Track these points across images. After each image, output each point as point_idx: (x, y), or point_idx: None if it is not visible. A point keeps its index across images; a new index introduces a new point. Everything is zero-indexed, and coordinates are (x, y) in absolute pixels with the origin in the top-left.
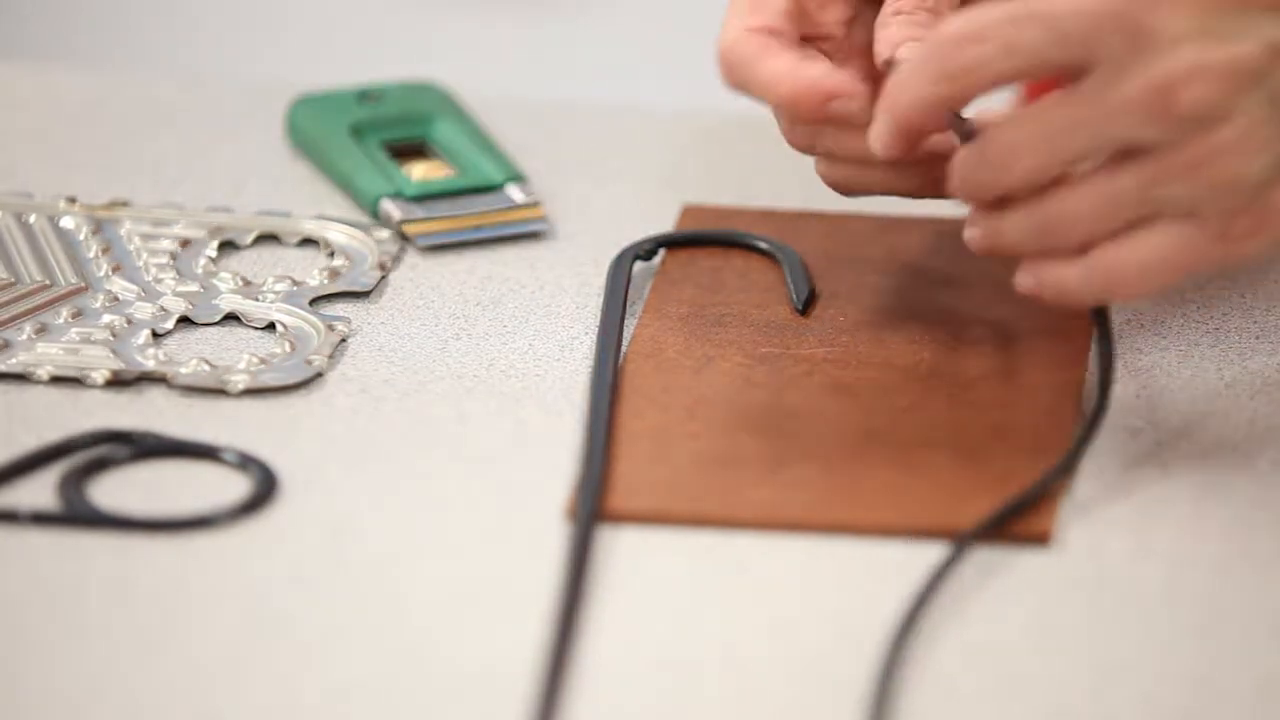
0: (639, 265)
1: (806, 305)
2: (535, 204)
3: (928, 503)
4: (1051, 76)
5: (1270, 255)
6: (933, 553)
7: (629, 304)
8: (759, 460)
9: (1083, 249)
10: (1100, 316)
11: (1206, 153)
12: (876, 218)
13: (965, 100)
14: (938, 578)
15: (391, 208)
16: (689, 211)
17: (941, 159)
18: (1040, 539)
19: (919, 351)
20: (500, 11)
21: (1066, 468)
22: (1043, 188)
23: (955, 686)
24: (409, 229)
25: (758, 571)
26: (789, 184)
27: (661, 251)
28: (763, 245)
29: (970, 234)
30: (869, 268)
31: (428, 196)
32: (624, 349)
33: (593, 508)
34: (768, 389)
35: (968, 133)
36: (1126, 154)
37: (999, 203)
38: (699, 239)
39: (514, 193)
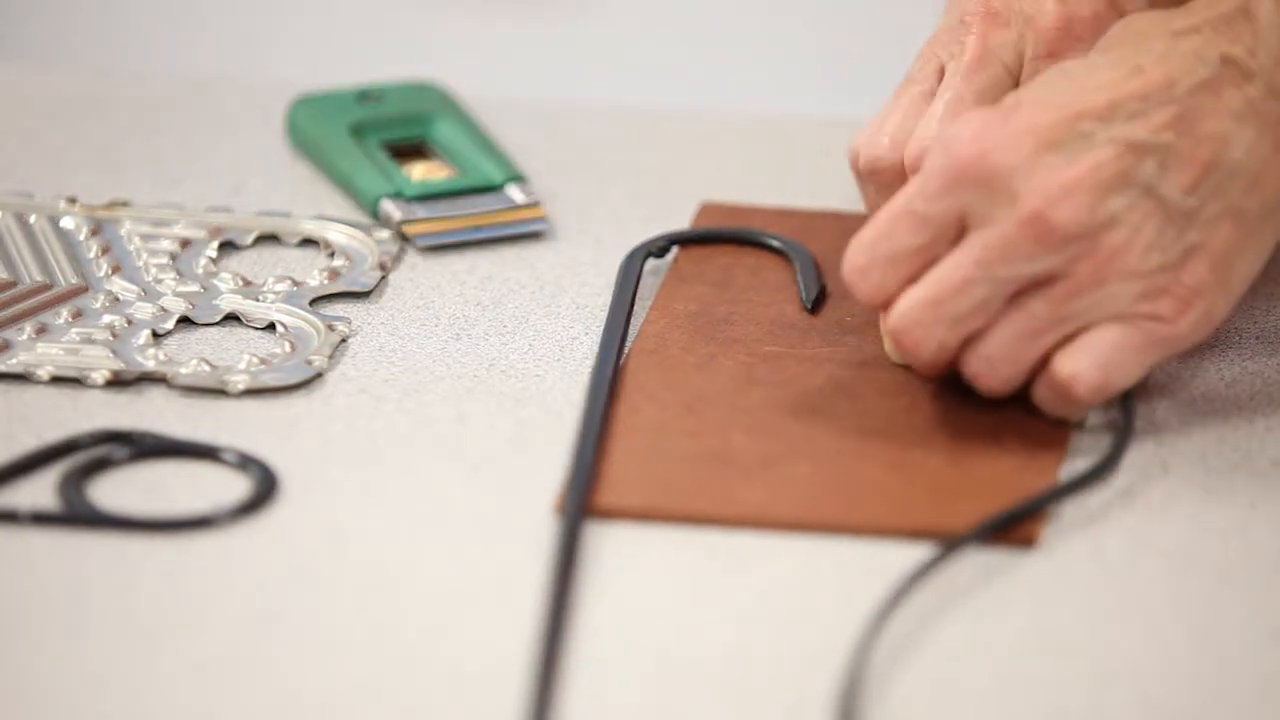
0: (651, 262)
1: (816, 304)
2: (535, 204)
3: (918, 503)
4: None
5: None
6: (923, 553)
7: (637, 301)
8: (751, 459)
9: (1036, 370)
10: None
11: (1105, 259)
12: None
13: (893, 299)
14: (914, 580)
15: (391, 208)
16: (706, 209)
17: None
18: (1027, 542)
19: None
20: (500, 11)
21: (1092, 478)
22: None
23: (955, 687)
24: (409, 229)
25: (749, 570)
26: (790, 184)
27: (674, 249)
28: (775, 243)
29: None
30: None
31: (428, 196)
32: (629, 345)
33: (581, 503)
34: (768, 388)
35: None
36: (1028, 288)
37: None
38: (712, 236)
39: (514, 193)
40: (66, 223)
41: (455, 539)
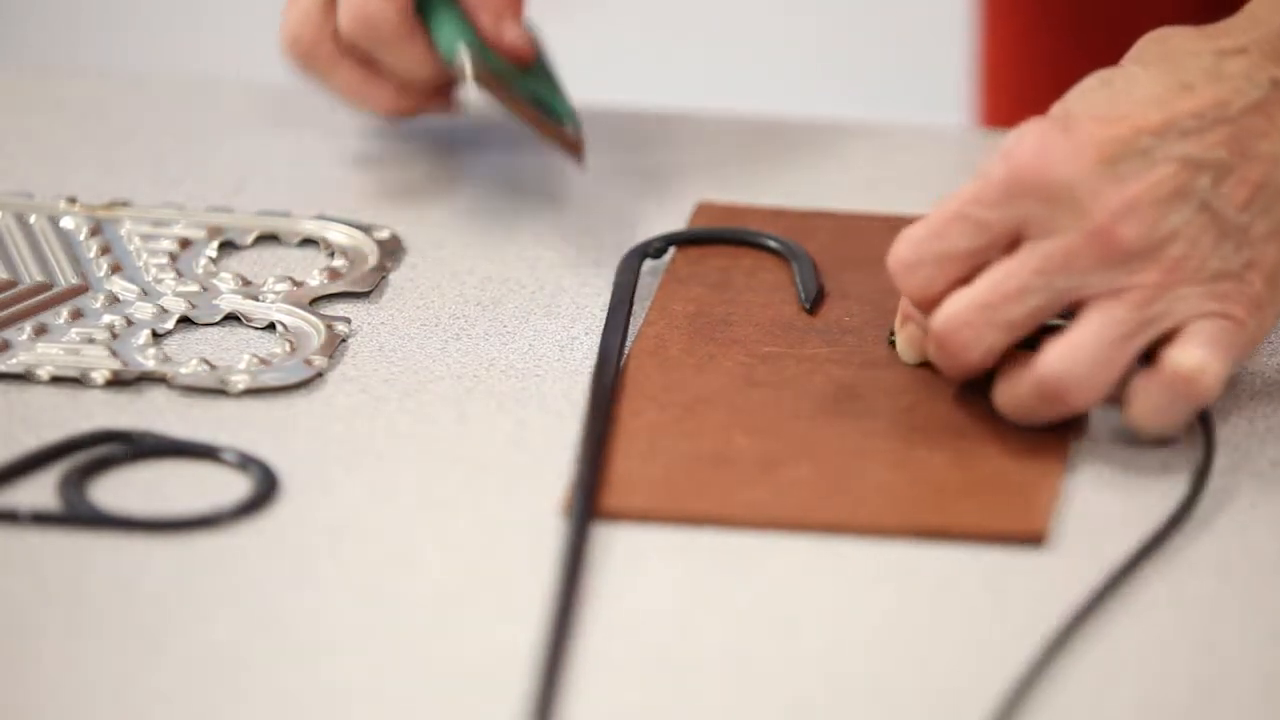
0: (648, 263)
1: (815, 304)
2: (582, 145)
3: (922, 503)
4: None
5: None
6: (921, 553)
7: (636, 301)
8: (754, 459)
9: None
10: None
11: (1169, 268)
12: (887, 217)
13: (934, 299)
14: (1114, 582)
15: (466, 58)
16: (702, 209)
17: None
18: (1035, 538)
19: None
20: None
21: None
22: (1019, 357)
23: (954, 685)
24: (476, 76)
25: (752, 571)
26: (789, 184)
27: (671, 250)
28: (772, 244)
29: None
30: (879, 268)
31: (501, 75)
32: (628, 347)
33: (587, 505)
34: (769, 389)
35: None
36: (1093, 297)
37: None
38: (709, 237)
39: (570, 130)
40: (66, 223)
41: (455, 539)
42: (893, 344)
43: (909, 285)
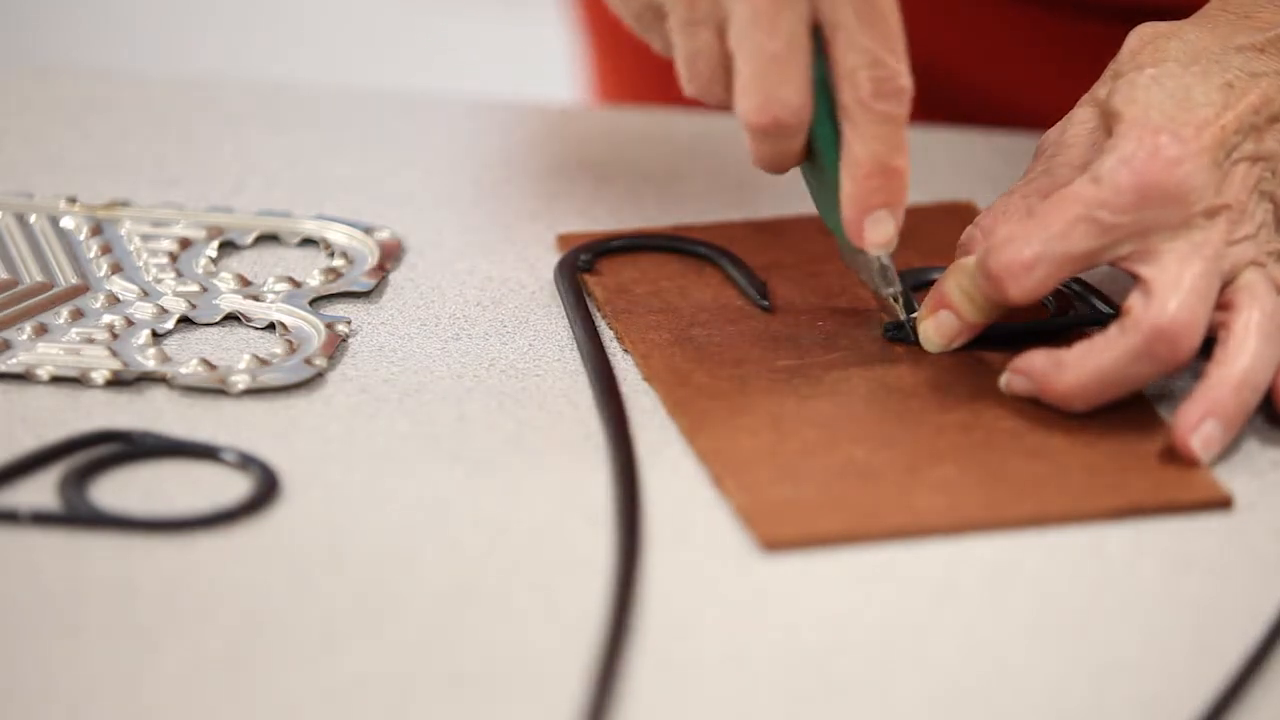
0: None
1: (768, 298)
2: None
3: (1092, 486)
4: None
5: None
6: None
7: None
8: (893, 468)
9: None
10: None
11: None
12: (755, 223)
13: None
14: None
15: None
16: (564, 239)
17: None
18: (1223, 504)
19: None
20: (500, 11)
21: None
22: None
23: (954, 685)
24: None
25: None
26: (787, 183)
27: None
28: (701, 250)
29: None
30: (792, 271)
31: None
32: (647, 379)
33: (632, 524)
34: (824, 400)
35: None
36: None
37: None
38: (634, 246)
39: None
40: (66, 223)
41: (455, 539)
42: (893, 338)
43: (1023, 284)
